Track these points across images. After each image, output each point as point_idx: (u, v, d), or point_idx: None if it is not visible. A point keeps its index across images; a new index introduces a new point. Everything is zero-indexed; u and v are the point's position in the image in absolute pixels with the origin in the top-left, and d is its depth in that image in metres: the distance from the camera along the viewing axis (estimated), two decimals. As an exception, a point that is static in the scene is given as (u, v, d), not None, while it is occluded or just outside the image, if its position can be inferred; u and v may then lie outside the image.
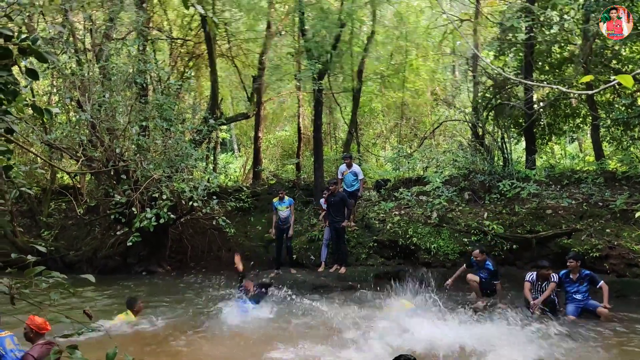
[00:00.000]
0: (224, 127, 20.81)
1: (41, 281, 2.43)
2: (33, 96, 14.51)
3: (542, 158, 16.55)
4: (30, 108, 3.43)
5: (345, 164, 12.01)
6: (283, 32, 17.82)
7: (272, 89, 18.36)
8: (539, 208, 11.06)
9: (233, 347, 7.04)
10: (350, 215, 11.43)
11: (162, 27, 17.01)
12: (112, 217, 11.42)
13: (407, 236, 11.42)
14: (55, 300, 2.87)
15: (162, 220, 9.90)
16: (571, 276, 8.04)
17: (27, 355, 4.87)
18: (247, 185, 16.81)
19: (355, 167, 12.09)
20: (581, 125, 15.19)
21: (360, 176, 12.03)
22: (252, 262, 12.95)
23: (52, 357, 2.32)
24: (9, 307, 2.80)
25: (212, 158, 19.60)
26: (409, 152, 16.19)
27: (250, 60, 18.32)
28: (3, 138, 3.32)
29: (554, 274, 8.10)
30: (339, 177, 12.06)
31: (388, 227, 11.86)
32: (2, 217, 13.82)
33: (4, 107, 3.25)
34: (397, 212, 12.42)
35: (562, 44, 13.36)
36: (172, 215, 10.25)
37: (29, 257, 2.59)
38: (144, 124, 11.10)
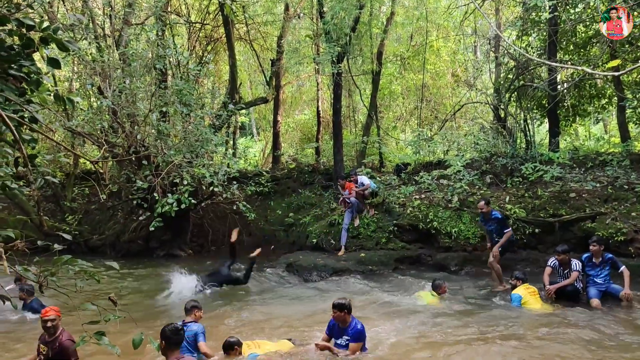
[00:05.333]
0: (243, 111, 20.83)
1: (67, 270, 2.46)
2: (55, 83, 14.69)
3: (565, 140, 16.25)
4: (52, 96, 3.45)
5: (353, 181, 12.22)
6: (301, 15, 17.67)
7: (290, 73, 18.29)
8: (562, 191, 10.89)
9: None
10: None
11: (180, 11, 16.98)
12: (135, 202, 11.57)
13: (428, 220, 11.36)
14: (82, 287, 2.92)
15: (183, 206, 10.00)
16: (594, 260, 7.92)
17: (68, 342, 4.95)
18: (267, 169, 16.86)
19: (360, 178, 12.29)
20: (606, 106, 14.83)
21: (366, 182, 12.23)
22: (273, 247, 13.05)
23: (81, 344, 2.37)
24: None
25: (231, 143, 19.69)
26: (430, 135, 16.01)
27: (268, 44, 18.24)
28: (27, 127, 3.36)
29: (576, 261, 7.98)
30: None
31: (408, 211, 11.80)
32: (28, 204, 14.11)
33: (27, 96, 3.29)
34: (417, 196, 12.35)
35: (588, 23, 12.99)
36: (193, 200, 10.33)
37: (55, 245, 2.63)
38: (163, 109, 11.16)
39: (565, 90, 13.99)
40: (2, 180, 3.24)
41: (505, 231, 8.96)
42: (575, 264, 7.95)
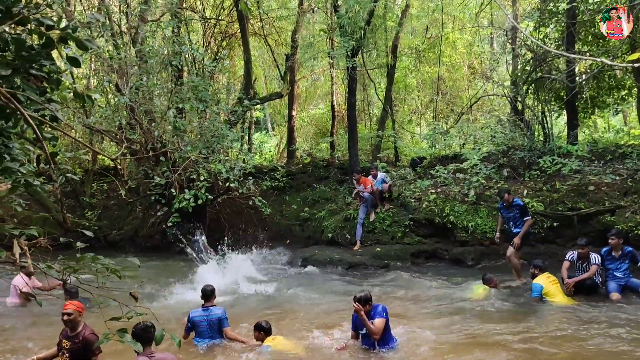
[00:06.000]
0: (258, 106, 20.89)
1: (90, 267, 2.51)
2: (73, 81, 14.86)
3: (584, 132, 16.02)
4: (72, 94, 3.49)
5: (371, 175, 12.19)
6: (315, 9, 17.63)
7: (305, 67, 18.28)
8: (581, 184, 10.75)
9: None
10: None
11: (195, 7, 17.05)
12: (152, 197, 11.69)
13: (444, 214, 11.31)
14: (104, 283, 2.97)
15: (200, 201, 10.09)
16: (613, 254, 7.84)
17: (92, 336, 5.04)
18: (282, 164, 16.90)
19: (381, 175, 12.35)
20: (626, 98, 14.55)
21: (387, 179, 12.36)
22: (288, 241, 13.10)
23: (104, 341, 2.41)
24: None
25: (247, 138, 19.75)
26: (446, 128, 15.91)
27: (282, 39, 18.23)
28: (47, 125, 3.41)
29: (595, 254, 7.90)
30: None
31: (424, 206, 11.76)
32: (49, 200, 14.32)
33: (48, 95, 3.33)
34: (433, 190, 12.28)
35: (607, 13, 12.78)
36: (209, 196, 10.43)
37: (78, 243, 2.68)
38: (180, 106, 11.25)
39: (583, 82, 13.80)
40: (25, 177, 3.30)
41: (525, 219, 8.88)
42: (595, 257, 7.87)
